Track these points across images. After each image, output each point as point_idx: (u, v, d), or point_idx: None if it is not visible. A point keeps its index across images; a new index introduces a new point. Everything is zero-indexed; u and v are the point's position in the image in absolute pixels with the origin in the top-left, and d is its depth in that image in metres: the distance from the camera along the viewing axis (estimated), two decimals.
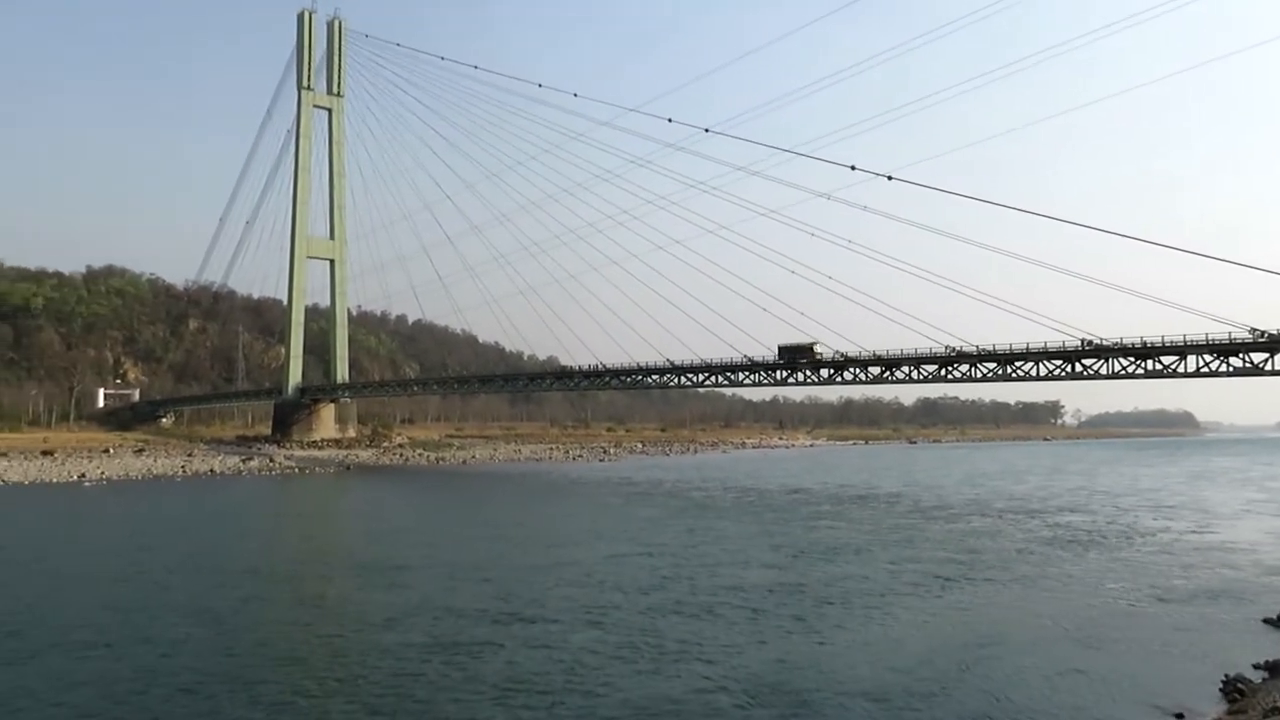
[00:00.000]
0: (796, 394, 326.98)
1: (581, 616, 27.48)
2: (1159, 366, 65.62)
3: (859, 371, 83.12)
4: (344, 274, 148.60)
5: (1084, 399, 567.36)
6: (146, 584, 33.34)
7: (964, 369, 76.50)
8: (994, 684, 20.73)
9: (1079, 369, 70.16)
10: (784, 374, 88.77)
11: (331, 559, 42.27)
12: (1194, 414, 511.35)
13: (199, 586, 32.82)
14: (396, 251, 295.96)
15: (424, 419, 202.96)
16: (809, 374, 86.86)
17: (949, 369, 77.17)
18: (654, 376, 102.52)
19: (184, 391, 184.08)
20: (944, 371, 77.65)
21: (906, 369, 79.52)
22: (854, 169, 63.07)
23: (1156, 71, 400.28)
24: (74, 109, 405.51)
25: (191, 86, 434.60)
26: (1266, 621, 27.07)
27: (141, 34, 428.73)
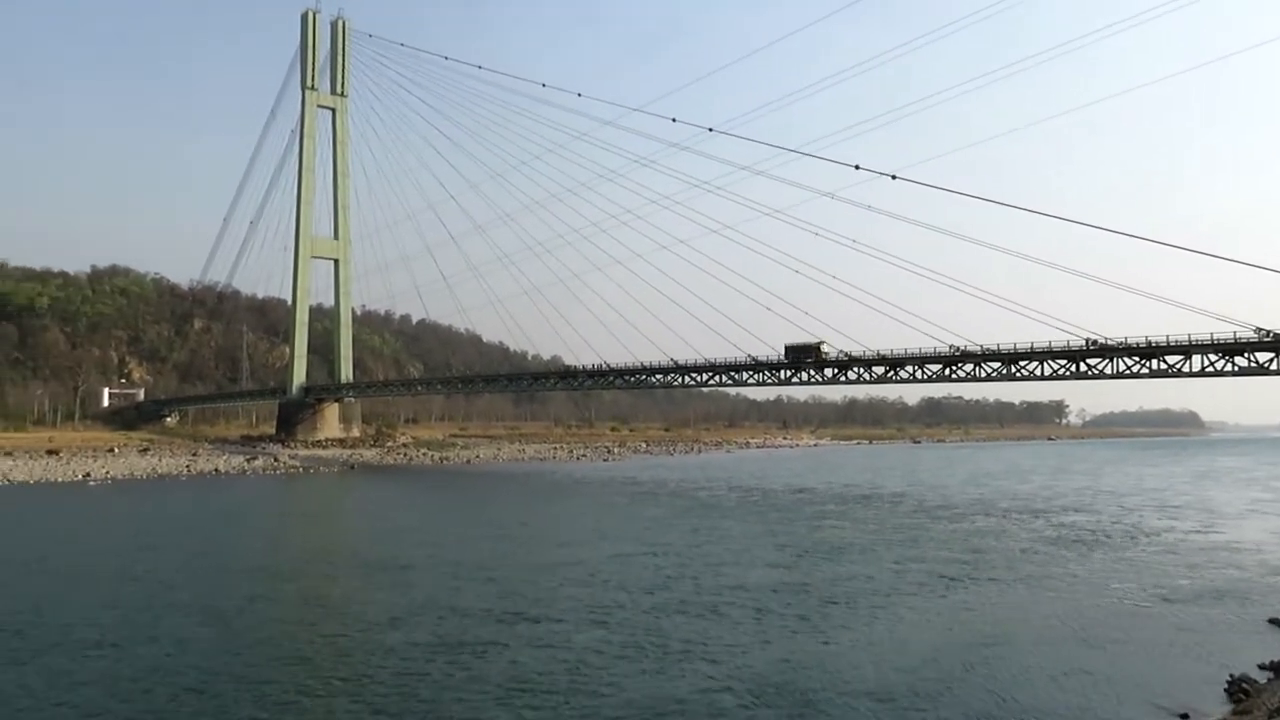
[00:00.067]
0: (800, 393, 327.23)
1: (586, 616, 27.52)
2: (1164, 366, 65.43)
3: (863, 371, 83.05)
4: (348, 274, 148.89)
5: (1088, 399, 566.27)
6: (151, 583, 33.44)
7: (968, 369, 76.37)
8: (999, 684, 20.73)
9: (1084, 369, 70.01)
10: (788, 373, 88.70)
11: (336, 558, 42.37)
12: (1199, 414, 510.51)
13: (204, 586, 32.95)
14: (400, 251, 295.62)
15: (428, 419, 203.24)
16: (813, 373, 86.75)
17: (953, 368, 77.03)
18: (658, 376, 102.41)
19: (188, 391, 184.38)
20: (948, 371, 77.51)
21: (910, 368, 79.41)
22: (858, 168, 62.98)
23: (1159, 71, 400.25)
24: (74, 109, 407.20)
25: (191, 86, 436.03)
26: (1272, 622, 27.03)
27: (141, 34, 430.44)
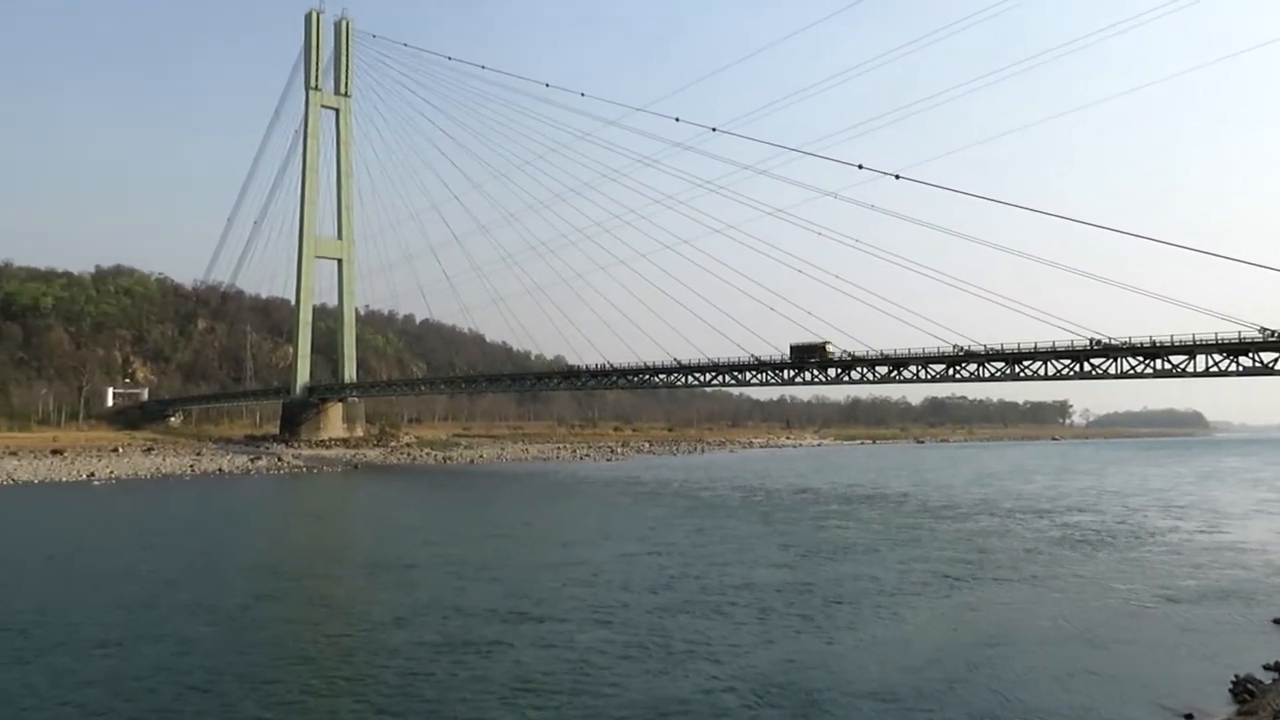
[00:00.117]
0: (804, 393, 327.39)
1: (590, 616, 27.53)
2: (1168, 366, 65.33)
3: (867, 371, 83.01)
4: (352, 273, 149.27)
5: (1092, 399, 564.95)
6: (156, 582, 33.49)
7: (972, 368, 76.30)
8: (1003, 684, 20.70)
9: (1087, 368, 69.90)
10: (791, 373, 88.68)
11: (340, 558, 42.44)
12: (1203, 414, 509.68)
13: (208, 585, 32.99)
14: (404, 251, 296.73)
15: (431, 418, 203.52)
16: (817, 373, 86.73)
17: (957, 368, 76.95)
18: (661, 376, 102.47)
19: (192, 391, 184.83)
20: (952, 371, 77.44)
21: (914, 368, 79.36)
22: (861, 168, 63.09)
23: (1163, 70, 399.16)
24: (74, 109, 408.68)
25: (191, 86, 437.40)
26: (1276, 622, 26.98)
27: (141, 34, 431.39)
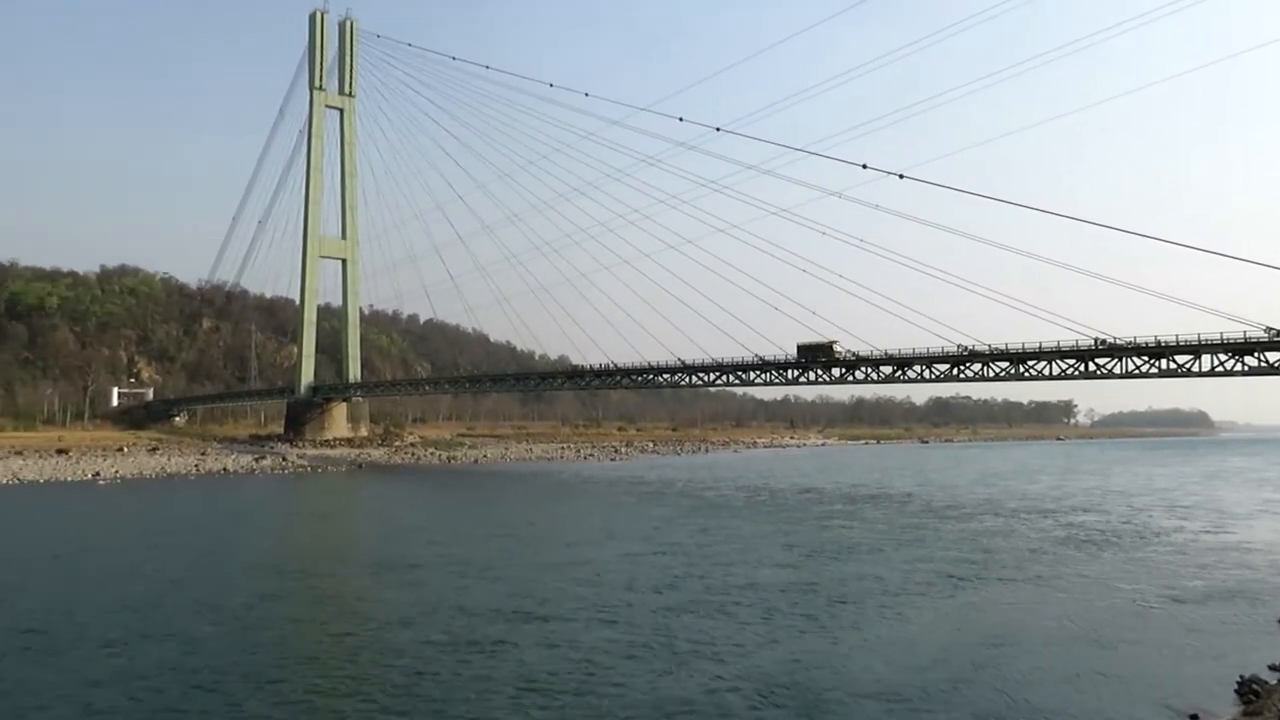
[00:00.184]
0: (808, 393, 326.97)
1: (594, 616, 27.57)
2: (1173, 366, 65.13)
3: (871, 371, 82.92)
4: (356, 273, 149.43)
5: (1097, 398, 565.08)
6: (162, 582, 33.60)
7: (976, 368, 76.17)
8: (1007, 684, 20.70)
9: (1092, 368, 69.74)
10: (796, 373, 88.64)
11: (345, 557, 42.54)
12: (1208, 414, 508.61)
13: (214, 584, 33.10)
14: (408, 251, 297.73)
15: (436, 418, 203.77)
16: (821, 373, 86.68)
17: (961, 368, 76.84)
18: (665, 376, 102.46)
19: (197, 390, 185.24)
20: (956, 371, 77.33)
21: (919, 368, 79.25)
22: (865, 168, 63.04)
23: (1167, 70, 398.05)
24: (74, 109, 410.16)
25: (192, 86, 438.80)
26: None
27: (141, 34, 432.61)
